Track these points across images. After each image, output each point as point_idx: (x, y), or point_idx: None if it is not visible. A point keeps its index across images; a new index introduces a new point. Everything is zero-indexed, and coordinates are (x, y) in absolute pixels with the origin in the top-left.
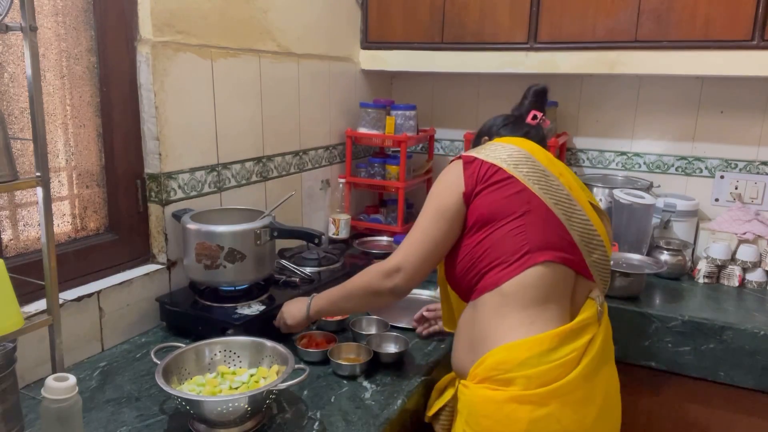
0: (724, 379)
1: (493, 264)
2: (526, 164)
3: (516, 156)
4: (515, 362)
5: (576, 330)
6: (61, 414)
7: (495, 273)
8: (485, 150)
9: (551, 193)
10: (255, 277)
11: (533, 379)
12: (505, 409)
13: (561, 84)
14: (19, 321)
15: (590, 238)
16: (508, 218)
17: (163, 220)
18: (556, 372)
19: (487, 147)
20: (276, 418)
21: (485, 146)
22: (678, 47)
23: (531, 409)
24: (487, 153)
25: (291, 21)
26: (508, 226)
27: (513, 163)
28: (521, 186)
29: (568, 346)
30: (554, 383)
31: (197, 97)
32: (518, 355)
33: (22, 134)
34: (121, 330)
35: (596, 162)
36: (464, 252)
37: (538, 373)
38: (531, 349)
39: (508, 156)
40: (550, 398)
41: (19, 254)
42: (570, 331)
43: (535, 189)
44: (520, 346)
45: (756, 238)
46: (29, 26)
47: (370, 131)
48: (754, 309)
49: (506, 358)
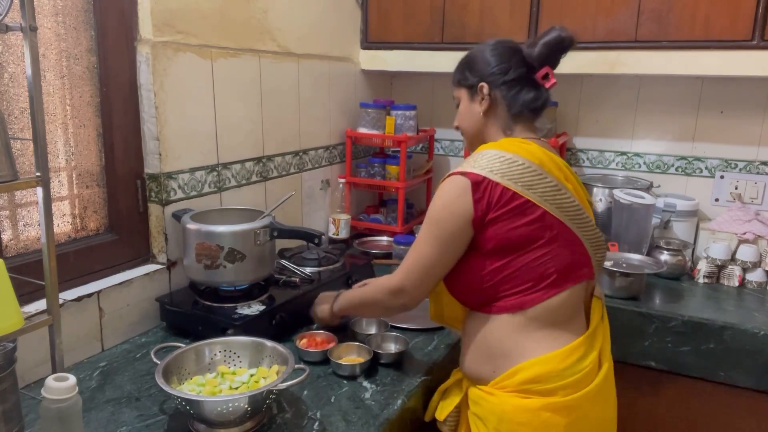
0: (724, 379)
1: (514, 290)
2: (540, 183)
3: (529, 175)
4: (553, 374)
5: (593, 334)
6: (61, 414)
7: (517, 298)
8: (491, 162)
9: (566, 210)
10: (255, 277)
11: (570, 388)
12: (542, 416)
13: (561, 84)
14: (19, 321)
15: (595, 240)
16: (532, 246)
17: (163, 220)
18: (589, 377)
19: (494, 159)
20: (276, 418)
21: (491, 157)
22: (678, 47)
23: (567, 413)
24: (495, 169)
25: (291, 21)
26: (532, 254)
27: (527, 185)
28: (540, 210)
29: (592, 352)
30: (586, 387)
31: (197, 97)
32: (554, 367)
33: (22, 134)
34: (121, 330)
35: (596, 162)
36: (478, 272)
37: (574, 382)
38: (565, 360)
39: (520, 176)
40: (583, 401)
41: (19, 254)
42: (590, 335)
43: (553, 211)
44: (554, 358)
45: (756, 238)
46: (29, 26)
47: (370, 131)
48: (754, 309)
49: (542, 371)
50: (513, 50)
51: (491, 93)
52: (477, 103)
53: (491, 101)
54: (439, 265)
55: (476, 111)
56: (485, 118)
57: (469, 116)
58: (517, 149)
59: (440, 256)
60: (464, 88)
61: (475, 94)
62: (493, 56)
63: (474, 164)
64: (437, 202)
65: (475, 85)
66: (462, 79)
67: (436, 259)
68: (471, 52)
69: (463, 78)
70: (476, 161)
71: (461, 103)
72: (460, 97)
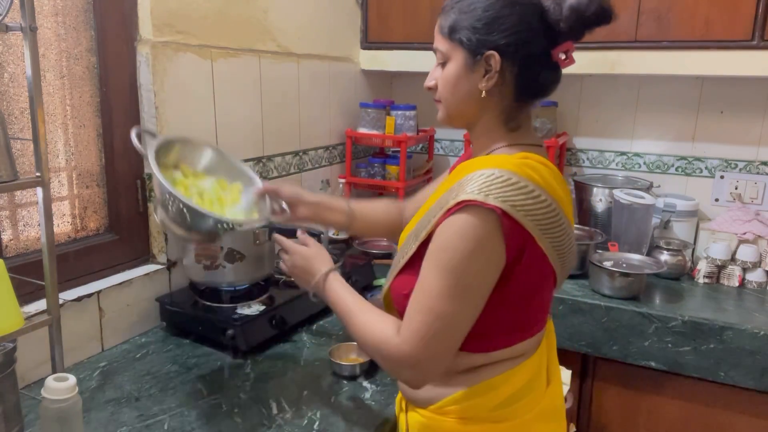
0: (724, 379)
1: (489, 333)
2: (555, 227)
3: (548, 216)
4: (501, 399)
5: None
6: (61, 414)
7: (489, 342)
8: (511, 194)
9: (563, 255)
10: (255, 277)
11: (519, 410)
12: None
13: (561, 84)
14: (19, 321)
15: (570, 266)
16: (526, 295)
17: None
18: (536, 396)
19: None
20: (276, 418)
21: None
22: (678, 47)
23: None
24: (519, 205)
25: (291, 21)
26: (523, 302)
27: (545, 229)
28: (549, 266)
29: (540, 372)
30: (534, 408)
31: (197, 97)
32: (503, 393)
33: (22, 134)
34: (121, 330)
35: (596, 162)
36: None
37: (524, 404)
38: (515, 384)
39: (544, 215)
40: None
41: (19, 254)
42: (538, 355)
43: (554, 261)
44: (502, 383)
45: (756, 238)
46: (29, 26)
47: (370, 131)
48: (754, 309)
49: (490, 397)
50: (536, 8)
51: (502, 69)
52: (479, 76)
53: (498, 80)
54: (464, 327)
55: (474, 86)
56: (485, 99)
57: (461, 88)
58: (535, 173)
59: (465, 316)
60: (462, 48)
61: (477, 62)
62: (512, 12)
63: (491, 193)
64: (458, 245)
65: (480, 50)
66: (460, 32)
67: (460, 320)
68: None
69: (463, 32)
70: (491, 189)
71: (451, 66)
72: (451, 56)
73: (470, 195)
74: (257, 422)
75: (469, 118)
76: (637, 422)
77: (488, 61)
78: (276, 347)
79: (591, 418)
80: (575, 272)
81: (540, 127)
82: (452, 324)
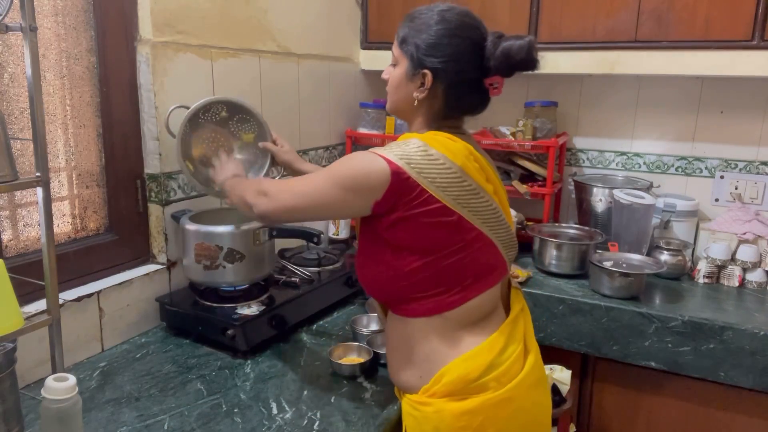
0: (724, 379)
1: (430, 292)
2: (457, 186)
3: (448, 177)
4: (481, 368)
5: (513, 322)
6: (61, 414)
7: (434, 301)
8: (414, 156)
9: (481, 214)
10: (254, 277)
11: (502, 377)
12: (480, 416)
13: (561, 84)
14: (19, 321)
15: (509, 240)
16: (448, 250)
17: (163, 220)
18: (516, 366)
19: (418, 152)
20: (276, 418)
21: (416, 150)
22: (678, 47)
23: (504, 406)
24: (414, 164)
25: (291, 21)
26: (448, 258)
27: (443, 187)
28: (456, 215)
29: (514, 342)
30: (517, 377)
31: (197, 98)
32: (480, 361)
33: (22, 134)
34: (121, 330)
35: (596, 162)
36: (394, 269)
37: (503, 372)
38: (489, 353)
39: (438, 174)
40: (517, 392)
41: (19, 254)
42: (510, 323)
43: (469, 216)
44: (478, 353)
45: (756, 238)
46: (29, 26)
47: (370, 131)
48: (754, 309)
49: (469, 368)
50: (474, 44)
51: (434, 86)
52: (415, 86)
53: (429, 93)
54: (318, 206)
55: (410, 93)
56: (417, 106)
57: (400, 91)
58: (443, 147)
59: (326, 200)
60: (406, 59)
61: (415, 75)
62: (450, 43)
63: (397, 153)
64: (346, 163)
65: (418, 67)
66: (408, 46)
67: (318, 198)
68: (426, 17)
69: (410, 46)
70: (401, 150)
71: (398, 70)
72: (399, 62)
73: (378, 150)
74: (257, 422)
75: (405, 115)
76: (637, 422)
77: (423, 78)
78: (276, 347)
79: (591, 418)
80: (575, 272)
81: (540, 127)
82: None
